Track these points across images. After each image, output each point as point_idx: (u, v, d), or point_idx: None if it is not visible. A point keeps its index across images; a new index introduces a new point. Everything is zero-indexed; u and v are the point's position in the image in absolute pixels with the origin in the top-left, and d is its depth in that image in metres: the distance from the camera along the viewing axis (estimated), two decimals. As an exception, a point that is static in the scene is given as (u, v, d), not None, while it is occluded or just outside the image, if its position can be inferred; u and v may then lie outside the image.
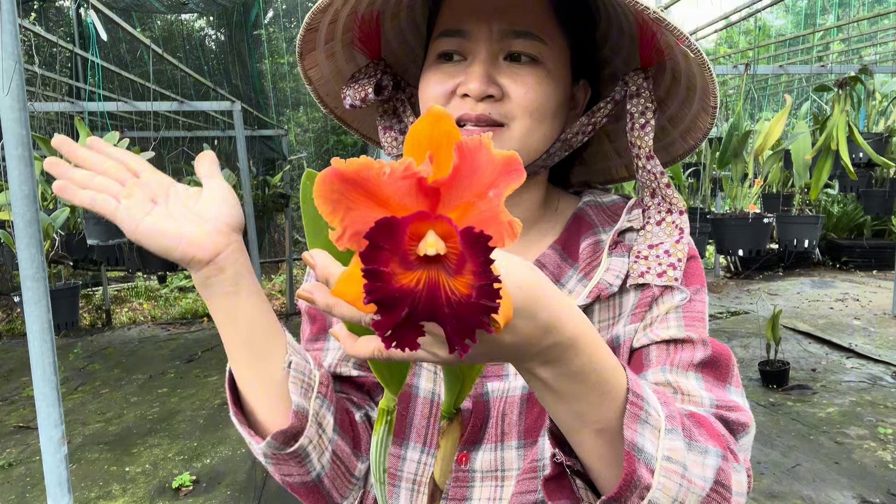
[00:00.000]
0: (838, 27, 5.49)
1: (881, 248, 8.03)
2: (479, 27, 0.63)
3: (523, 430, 0.65)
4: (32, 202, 1.74)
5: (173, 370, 5.11)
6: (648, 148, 0.64)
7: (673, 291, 0.65)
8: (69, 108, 4.32)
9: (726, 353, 0.63)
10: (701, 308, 0.66)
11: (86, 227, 3.33)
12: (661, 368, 0.61)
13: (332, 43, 0.72)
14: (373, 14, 0.69)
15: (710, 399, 0.59)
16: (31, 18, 6.54)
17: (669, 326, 0.64)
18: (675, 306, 0.65)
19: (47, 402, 1.79)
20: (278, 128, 7.24)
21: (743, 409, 0.60)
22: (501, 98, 0.62)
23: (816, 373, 4.45)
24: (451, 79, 0.64)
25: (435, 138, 0.37)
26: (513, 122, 0.63)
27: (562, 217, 0.74)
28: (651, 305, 0.65)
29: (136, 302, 7.78)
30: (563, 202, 0.75)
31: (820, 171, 3.35)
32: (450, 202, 0.35)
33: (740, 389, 0.62)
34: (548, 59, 0.64)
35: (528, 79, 0.62)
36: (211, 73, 7.28)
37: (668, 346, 0.63)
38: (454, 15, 0.64)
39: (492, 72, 0.62)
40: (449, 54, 0.65)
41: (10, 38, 1.65)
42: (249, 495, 3.06)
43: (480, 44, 0.63)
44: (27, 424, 4.05)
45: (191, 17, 7.70)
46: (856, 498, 2.82)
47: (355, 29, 0.71)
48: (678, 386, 0.60)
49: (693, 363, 0.61)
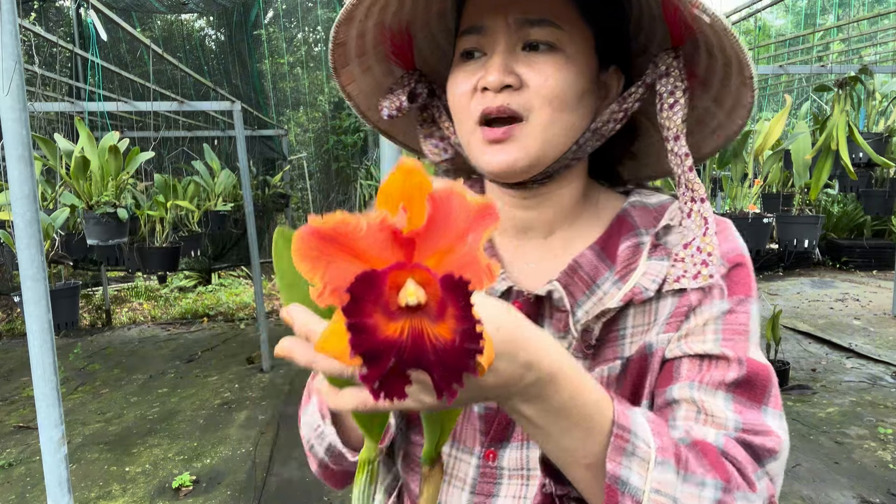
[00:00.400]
0: (838, 27, 5.49)
1: (881, 248, 8.04)
2: (495, 20, 0.62)
3: None
4: (32, 202, 1.74)
5: (173, 370, 5.11)
6: (676, 128, 0.62)
7: (712, 300, 0.62)
8: (69, 108, 4.32)
9: (764, 373, 0.60)
10: (744, 320, 0.62)
11: (86, 227, 3.33)
12: (689, 384, 0.60)
13: (364, 57, 0.72)
14: (401, 25, 0.69)
15: (736, 421, 0.57)
16: (31, 18, 6.54)
17: (706, 340, 0.61)
18: (715, 318, 0.62)
19: (47, 402, 1.79)
20: (278, 128, 7.24)
21: (773, 432, 0.58)
22: (520, 87, 0.61)
23: (816, 373, 4.45)
24: (473, 75, 0.64)
25: (407, 190, 0.39)
26: (532, 113, 0.61)
27: (604, 216, 0.71)
28: (688, 315, 0.62)
29: (136, 302, 7.78)
30: (605, 199, 0.72)
31: (820, 171, 3.35)
32: (427, 250, 0.36)
33: (778, 411, 0.60)
34: (567, 46, 0.62)
35: (545, 66, 0.61)
36: (211, 73, 7.28)
37: (701, 361, 0.61)
38: (473, 12, 0.64)
39: (509, 62, 0.62)
40: (470, 52, 0.65)
41: (10, 38, 1.65)
42: (249, 495, 3.05)
43: (498, 36, 0.62)
44: (27, 424, 4.05)
45: (191, 17, 7.70)
46: (856, 498, 2.82)
47: (387, 42, 0.71)
48: (702, 405, 0.58)
49: (724, 382, 0.59)
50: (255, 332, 6.11)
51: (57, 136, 3.42)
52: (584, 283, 0.65)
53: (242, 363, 5.21)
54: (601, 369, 0.64)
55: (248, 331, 6.34)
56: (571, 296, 0.65)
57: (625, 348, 0.64)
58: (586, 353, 0.64)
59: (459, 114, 0.65)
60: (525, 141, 0.61)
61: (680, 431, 0.58)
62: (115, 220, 3.29)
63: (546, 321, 0.66)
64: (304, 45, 8.59)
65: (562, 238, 0.70)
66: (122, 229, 3.36)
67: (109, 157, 3.32)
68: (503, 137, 0.61)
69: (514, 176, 0.64)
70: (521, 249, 0.71)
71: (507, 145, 0.62)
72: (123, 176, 3.42)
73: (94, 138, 3.34)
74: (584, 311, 0.64)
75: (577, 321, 0.64)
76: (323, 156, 9.25)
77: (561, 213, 0.70)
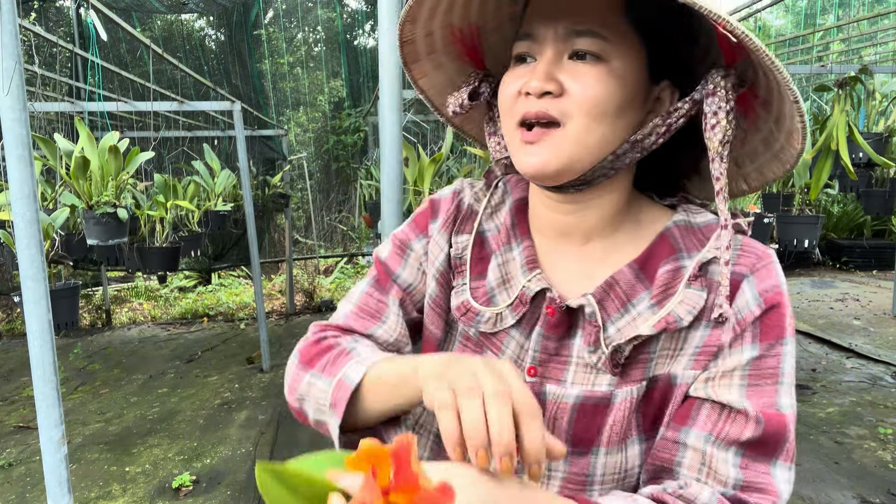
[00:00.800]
0: (838, 27, 5.49)
1: (881, 248, 8.04)
2: (546, 29, 0.64)
3: (571, 438, 0.66)
4: (32, 202, 1.74)
5: (173, 370, 5.11)
6: (714, 149, 0.62)
7: (743, 345, 0.62)
8: (69, 108, 4.32)
9: (782, 427, 0.60)
10: (774, 364, 0.62)
11: (86, 227, 3.33)
12: (705, 437, 0.61)
13: (434, 55, 0.75)
14: (471, 28, 0.73)
15: (736, 479, 0.59)
16: (31, 18, 6.54)
17: (732, 387, 0.62)
18: (743, 364, 0.62)
19: (47, 402, 1.79)
20: (278, 128, 7.24)
21: (771, 489, 0.59)
22: (561, 94, 0.63)
23: (816, 373, 4.45)
24: (520, 79, 0.65)
25: (372, 458, 0.44)
26: (570, 120, 0.62)
27: (645, 229, 0.70)
28: (717, 354, 0.63)
29: (136, 302, 7.78)
30: (649, 212, 0.72)
31: (820, 171, 3.35)
32: (398, 496, 0.41)
33: (788, 463, 0.61)
34: (613, 58, 0.63)
35: (588, 76, 0.62)
36: (211, 73, 7.28)
37: (721, 411, 0.62)
38: (529, 20, 0.66)
39: (553, 70, 0.63)
40: (523, 56, 0.67)
41: (10, 38, 1.65)
42: (249, 495, 3.05)
43: (547, 44, 0.64)
44: (27, 424, 4.06)
45: (191, 17, 7.70)
46: (856, 498, 2.82)
47: (458, 43, 0.74)
48: (710, 460, 0.61)
49: (739, 440, 0.60)
50: (255, 332, 6.11)
51: (57, 136, 3.42)
52: (619, 301, 0.66)
53: (242, 363, 5.21)
54: (629, 389, 0.65)
55: (248, 331, 6.34)
56: (605, 311, 0.66)
57: (650, 370, 0.65)
58: (614, 371, 0.65)
59: (505, 114, 0.67)
60: (559, 145, 0.63)
61: (679, 483, 0.61)
62: (115, 220, 3.29)
63: (578, 331, 0.67)
64: (304, 45, 8.59)
65: (599, 247, 0.71)
66: (122, 229, 3.36)
67: (109, 157, 3.32)
68: (536, 140, 0.63)
69: (546, 178, 0.65)
70: (559, 253, 0.72)
71: (541, 148, 0.63)
72: (123, 176, 3.42)
73: (94, 138, 3.34)
74: (617, 329, 0.65)
75: (609, 338, 0.65)
76: (323, 156, 9.25)
77: (600, 222, 0.70)
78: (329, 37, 8.24)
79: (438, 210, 0.79)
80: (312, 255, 9.03)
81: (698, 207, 0.71)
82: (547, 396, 0.67)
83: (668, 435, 0.64)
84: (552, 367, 0.68)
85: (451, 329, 0.76)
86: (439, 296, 0.76)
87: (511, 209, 0.75)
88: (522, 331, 0.70)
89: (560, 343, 0.68)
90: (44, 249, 1.79)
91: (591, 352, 0.66)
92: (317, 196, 9.39)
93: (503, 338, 0.71)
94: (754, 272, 0.64)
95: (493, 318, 0.71)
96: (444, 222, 0.77)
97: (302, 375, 0.70)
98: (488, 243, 0.75)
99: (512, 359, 0.70)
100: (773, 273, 0.65)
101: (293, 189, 7.26)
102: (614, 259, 0.69)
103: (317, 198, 9.37)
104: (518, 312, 0.69)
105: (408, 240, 0.79)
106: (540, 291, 0.68)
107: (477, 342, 0.73)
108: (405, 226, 0.80)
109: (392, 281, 0.78)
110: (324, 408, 0.66)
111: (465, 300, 0.73)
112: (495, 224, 0.76)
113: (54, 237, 3.26)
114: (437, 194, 0.81)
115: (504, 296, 0.71)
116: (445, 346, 0.76)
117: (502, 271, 0.72)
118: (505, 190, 0.78)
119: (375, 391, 0.62)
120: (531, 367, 0.68)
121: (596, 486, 0.66)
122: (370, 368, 0.63)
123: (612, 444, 0.65)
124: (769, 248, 0.67)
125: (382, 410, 0.63)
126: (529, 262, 0.70)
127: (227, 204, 5.43)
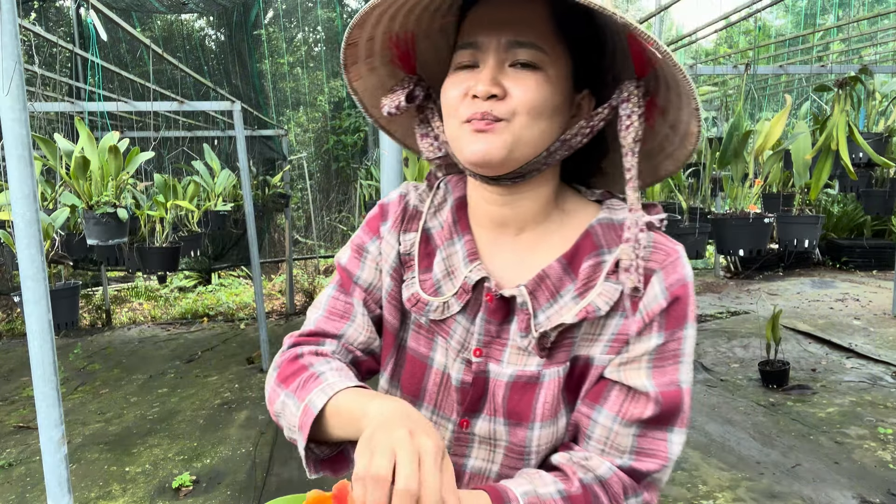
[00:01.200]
0: (838, 27, 5.49)
1: (881, 248, 8.04)
2: (489, 39, 0.72)
3: (507, 412, 0.76)
4: (32, 202, 1.74)
5: (173, 370, 5.11)
6: (628, 146, 0.72)
7: (650, 334, 0.72)
8: (69, 108, 4.32)
9: (678, 401, 0.72)
10: (676, 347, 0.73)
11: (86, 227, 3.33)
12: (613, 417, 0.73)
13: (371, 58, 0.82)
14: (407, 35, 0.80)
15: (632, 448, 0.72)
16: (31, 18, 6.54)
17: (640, 371, 0.72)
18: (650, 351, 0.72)
19: (47, 402, 1.79)
20: (278, 128, 7.24)
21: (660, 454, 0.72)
22: (504, 97, 0.71)
23: (816, 373, 4.45)
24: (465, 83, 0.73)
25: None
26: (513, 118, 0.71)
27: (571, 221, 0.80)
28: (628, 342, 0.73)
29: (136, 302, 7.78)
30: (575, 205, 0.81)
31: (820, 171, 3.35)
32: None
33: (682, 429, 0.73)
34: (548, 67, 0.72)
35: (528, 81, 0.71)
36: (211, 73, 7.28)
37: (628, 393, 0.73)
38: (471, 30, 0.74)
39: (497, 76, 0.71)
40: (465, 64, 0.74)
41: (10, 38, 1.65)
42: (249, 495, 3.06)
43: (490, 53, 0.72)
44: (27, 424, 4.06)
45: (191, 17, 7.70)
46: (856, 498, 2.82)
47: (393, 48, 0.81)
48: (614, 437, 0.73)
49: (640, 419, 0.72)
50: (255, 332, 6.12)
51: (57, 136, 3.42)
52: (549, 292, 0.76)
53: (242, 363, 5.22)
54: (556, 370, 0.75)
55: (248, 331, 6.34)
56: (536, 300, 0.75)
57: (573, 352, 0.75)
58: (541, 353, 0.75)
59: (449, 114, 0.74)
60: (503, 135, 0.71)
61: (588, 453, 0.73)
62: (115, 220, 3.29)
63: (514, 317, 0.77)
64: (304, 45, 8.58)
65: (532, 236, 0.80)
66: (122, 229, 3.36)
67: (109, 157, 3.32)
68: (486, 128, 0.71)
69: (489, 166, 0.72)
70: (496, 242, 0.81)
71: (489, 135, 0.71)
72: (123, 176, 3.42)
73: (94, 138, 3.34)
74: (546, 317, 0.75)
75: (538, 324, 0.75)
76: (323, 156, 9.25)
77: (532, 213, 0.79)
78: (329, 37, 8.23)
79: (388, 212, 0.87)
80: (312, 255, 9.03)
81: (620, 202, 0.80)
82: (489, 374, 0.77)
83: (583, 409, 0.75)
84: (494, 348, 0.78)
85: (406, 319, 0.84)
86: (394, 289, 0.84)
87: (452, 207, 0.84)
88: (468, 316, 0.79)
89: (500, 327, 0.77)
90: (44, 249, 1.79)
91: (522, 336, 0.75)
92: (317, 196, 9.39)
93: (451, 324, 0.80)
94: (663, 268, 0.73)
95: (441, 307, 0.80)
96: (393, 223, 0.86)
97: (278, 393, 0.78)
98: (433, 239, 0.84)
99: (459, 342, 0.79)
100: (679, 268, 0.73)
101: (293, 189, 7.26)
102: (544, 247, 0.79)
103: (317, 198, 9.37)
104: (462, 300, 0.78)
105: (363, 243, 0.87)
106: (480, 280, 0.77)
107: (428, 329, 0.82)
108: (360, 230, 0.89)
109: (354, 283, 0.85)
110: (294, 428, 0.74)
111: (414, 292, 0.82)
112: (439, 221, 0.85)
113: (54, 237, 3.26)
114: (386, 198, 0.89)
115: (449, 286, 0.80)
116: (401, 334, 0.85)
117: (447, 264, 0.81)
118: (446, 190, 0.87)
119: (334, 420, 0.70)
120: (477, 349, 0.78)
121: (533, 455, 0.76)
122: (332, 398, 0.70)
123: (546, 419, 0.75)
124: (677, 244, 0.76)
125: (341, 436, 0.70)
126: (470, 254, 0.79)
127: (227, 204, 5.43)
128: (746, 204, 3.43)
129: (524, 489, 0.70)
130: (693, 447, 3.39)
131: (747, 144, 3.32)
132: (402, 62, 0.82)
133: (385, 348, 0.85)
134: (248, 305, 7.40)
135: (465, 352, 0.78)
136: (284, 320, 6.79)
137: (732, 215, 3.32)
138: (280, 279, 8.71)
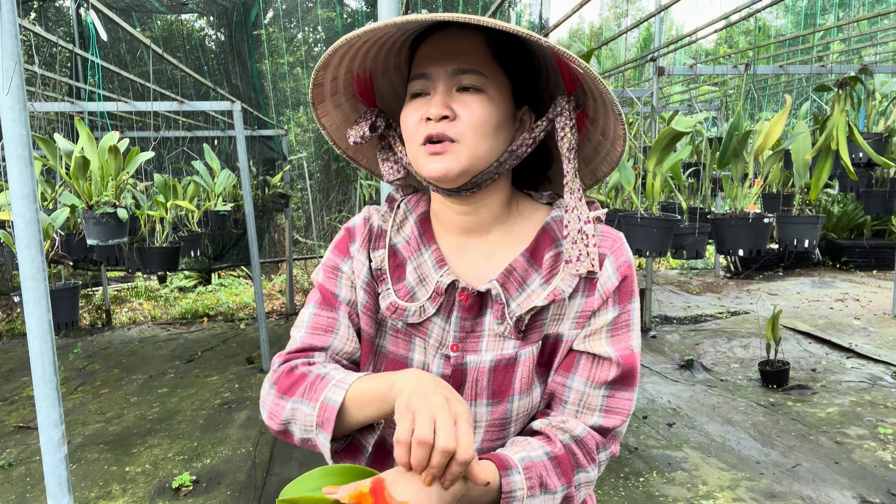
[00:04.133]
0: (838, 27, 5.49)
1: (881, 248, 8.04)
2: (437, 70, 0.83)
3: (491, 392, 0.87)
4: (32, 202, 1.74)
5: (173, 370, 5.11)
6: (564, 154, 0.84)
7: (608, 309, 0.86)
8: (69, 108, 4.32)
9: (634, 364, 0.86)
10: (626, 318, 0.87)
11: (86, 227, 3.32)
12: (584, 382, 0.86)
13: (336, 96, 0.93)
14: (366, 73, 0.91)
15: (602, 406, 0.86)
16: (30, 18, 6.54)
17: (601, 340, 0.86)
18: (608, 323, 0.86)
19: (47, 402, 1.79)
20: (278, 128, 7.24)
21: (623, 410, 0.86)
22: (454, 119, 0.82)
23: (816, 373, 4.45)
24: (419, 109, 0.84)
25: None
26: (464, 136, 0.81)
27: (528, 221, 0.92)
28: (590, 317, 0.86)
29: (136, 302, 7.78)
30: (528, 207, 0.93)
31: (820, 171, 3.35)
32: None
33: (636, 387, 0.88)
34: (490, 89, 0.83)
35: (473, 103, 0.82)
36: (211, 73, 7.28)
37: (594, 360, 0.86)
38: (421, 63, 0.85)
39: (447, 100, 0.82)
40: (418, 92, 0.85)
41: (10, 38, 1.65)
42: (249, 495, 3.06)
43: (439, 81, 0.83)
44: (27, 424, 4.06)
45: (191, 17, 7.70)
46: (856, 498, 2.82)
47: (354, 85, 0.92)
48: (587, 399, 0.86)
49: (607, 381, 0.85)
50: (255, 332, 6.12)
51: (57, 136, 3.42)
52: (517, 283, 0.87)
53: (242, 363, 5.22)
54: (530, 348, 0.86)
55: (248, 331, 6.34)
56: (507, 291, 0.86)
57: (544, 331, 0.87)
58: (518, 336, 0.86)
59: (409, 138, 0.85)
60: (457, 154, 0.82)
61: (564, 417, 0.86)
62: (115, 220, 3.29)
63: (488, 310, 0.87)
64: (304, 45, 8.58)
65: (497, 236, 0.91)
66: (122, 229, 3.36)
67: (109, 157, 3.32)
68: (441, 151, 0.82)
69: (448, 181, 0.83)
70: (465, 248, 0.92)
71: (445, 156, 0.82)
72: (123, 176, 3.42)
73: (94, 138, 3.34)
74: (518, 304, 0.86)
75: (511, 312, 0.86)
76: (323, 156, 9.25)
77: (492, 216, 0.90)
78: (329, 37, 8.23)
79: (355, 234, 0.96)
80: (312, 255, 9.03)
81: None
82: (468, 365, 0.87)
83: (557, 379, 0.88)
84: (469, 341, 0.88)
85: (381, 326, 0.94)
86: (369, 301, 0.93)
87: (416, 223, 0.94)
88: (443, 317, 0.89)
89: (475, 321, 0.88)
90: (44, 249, 1.79)
91: (498, 324, 0.86)
92: (317, 196, 9.39)
93: (428, 325, 0.89)
94: (612, 252, 0.87)
95: (418, 311, 0.89)
96: (361, 243, 0.95)
97: (283, 404, 0.85)
98: (400, 253, 0.94)
99: (437, 339, 0.89)
100: (624, 251, 0.88)
101: (293, 189, 7.25)
102: (506, 245, 0.90)
103: (317, 198, 9.37)
104: (436, 303, 0.88)
105: (336, 264, 0.96)
106: (451, 283, 0.87)
107: (406, 332, 0.91)
108: (329, 254, 0.97)
109: (336, 299, 0.94)
110: (310, 428, 0.81)
111: (392, 301, 0.91)
112: (403, 237, 0.95)
113: (54, 237, 3.26)
114: (351, 222, 0.99)
115: (423, 291, 0.90)
116: (378, 341, 0.94)
117: (418, 273, 0.91)
118: (407, 209, 0.97)
119: (355, 407, 0.78)
120: (453, 345, 0.87)
121: (512, 424, 0.88)
122: (349, 389, 0.78)
123: (523, 392, 0.86)
124: (620, 233, 0.90)
125: (361, 421, 0.79)
126: (438, 261, 0.90)
127: (227, 204, 5.43)
128: (746, 204, 3.43)
129: (520, 455, 0.80)
130: (693, 447, 3.39)
131: (747, 144, 3.32)
132: (363, 97, 0.94)
133: (364, 356, 0.93)
134: (248, 305, 7.40)
135: (443, 348, 0.87)
136: (284, 320, 6.79)
137: (732, 215, 3.31)
138: (280, 279, 8.71)
